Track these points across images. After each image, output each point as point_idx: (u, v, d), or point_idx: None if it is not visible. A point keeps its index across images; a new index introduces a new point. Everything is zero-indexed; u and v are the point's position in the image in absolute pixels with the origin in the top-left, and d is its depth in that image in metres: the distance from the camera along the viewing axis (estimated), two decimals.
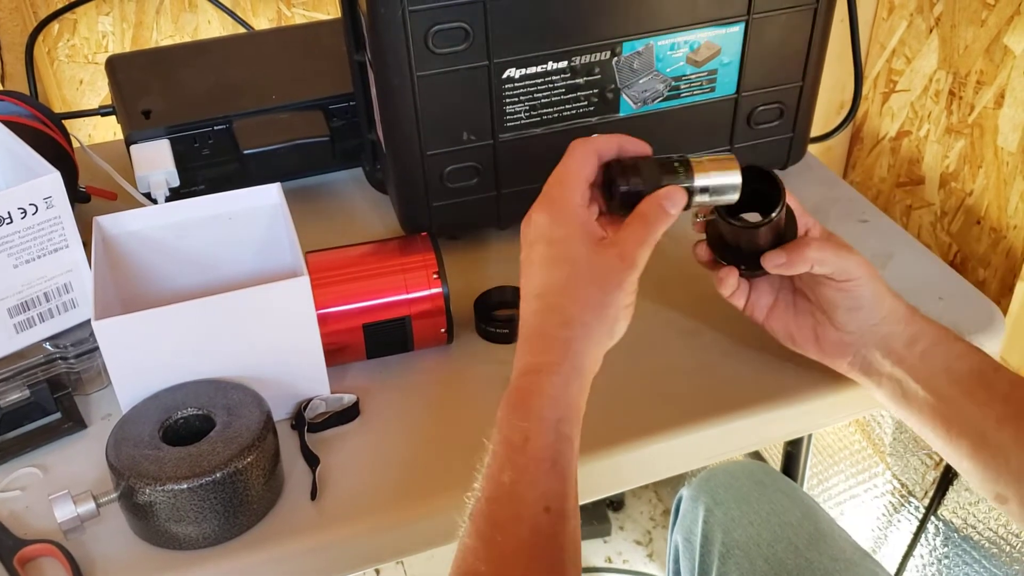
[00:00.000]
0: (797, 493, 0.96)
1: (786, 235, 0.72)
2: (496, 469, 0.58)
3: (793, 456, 1.14)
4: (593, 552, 1.66)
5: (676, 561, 0.99)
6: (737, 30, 0.87)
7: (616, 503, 1.72)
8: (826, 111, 1.31)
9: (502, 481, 0.57)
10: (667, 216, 0.64)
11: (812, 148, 1.09)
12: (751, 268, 0.72)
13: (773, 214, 0.69)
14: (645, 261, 0.63)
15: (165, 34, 1.43)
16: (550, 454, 0.58)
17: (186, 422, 0.71)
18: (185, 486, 0.65)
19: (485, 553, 0.55)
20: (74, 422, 0.78)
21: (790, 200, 0.72)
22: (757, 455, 1.42)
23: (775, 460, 1.35)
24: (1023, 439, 0.63)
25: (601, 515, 1.68)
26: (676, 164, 0.66)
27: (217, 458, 0.66)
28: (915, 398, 0.68)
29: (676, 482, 1.52)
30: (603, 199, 0.67)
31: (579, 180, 0.65)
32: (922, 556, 1.19)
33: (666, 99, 0.90)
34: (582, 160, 0.66)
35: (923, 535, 1.18)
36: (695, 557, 0.94)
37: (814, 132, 1.03)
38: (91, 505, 0.67)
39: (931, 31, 1.16)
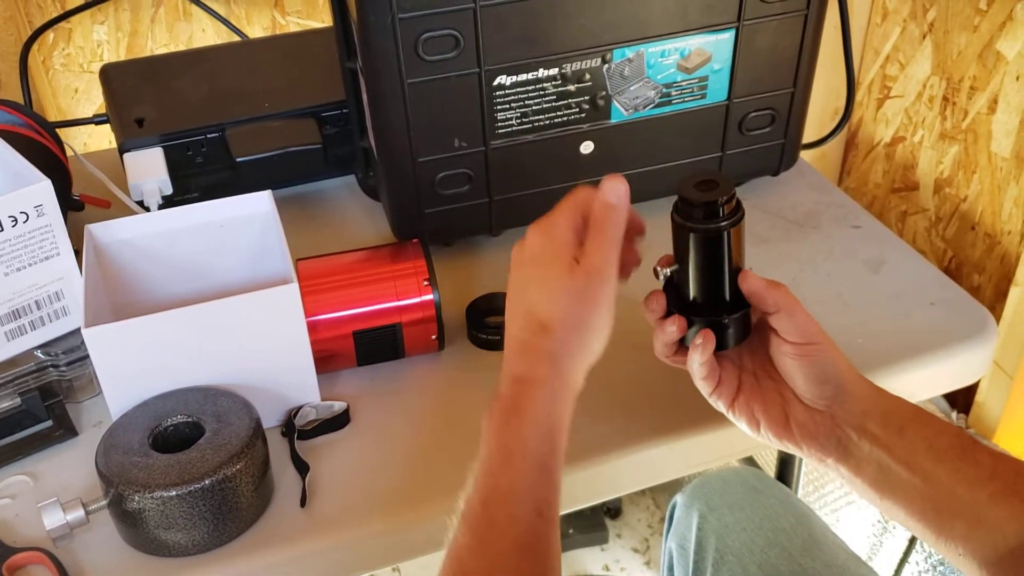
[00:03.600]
0: (791, 499, 0.96)
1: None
2: (493, 472, 0.60)
3: (787, 462, 1.14)
4: (591, 560, 1.65)
5: (670, 568, 0.99)
6: (727, 37, 0.87)
7: (614, 510, 1.71)
8: (821, 117, 1.31)
9: (499, 484, 0.59)
10: (612, 208, 0.64)
11: (807, 155, 1.09)
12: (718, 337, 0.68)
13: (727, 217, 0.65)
14: (614, 267, 0.64)
15: (160, 43, 1.44)
16: (544, 462, 0.60)
17: (176, 429, 0.71)
18: (174, 493, 0.65)
19: (479, 550, 0.57)
20: (65, 430, 0.78)
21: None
22: (752, 461, 1.42)
23: (770, 467, 1.35)
24: (1018, 515, 0.59)
25: (599, 523, 1.68)
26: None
27: (206, 465, 0.66)
28: (899, 482, 0.63)
29: (674, 489, 1.52)
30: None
31: (571, 209, 0.66)
32: (917, 563, 1.19)
33: (657, 106, 0.90)
34: (574, 201, 0.67)
35: (919, 542, 1.18)
36: (689, 564, 0.94)
37: (809, 138, 1.03)
38: (80, 512, 0.67)
39: (924, 37, 1.17)
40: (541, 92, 0.86)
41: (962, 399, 1.19)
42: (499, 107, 0.85)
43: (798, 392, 0.67)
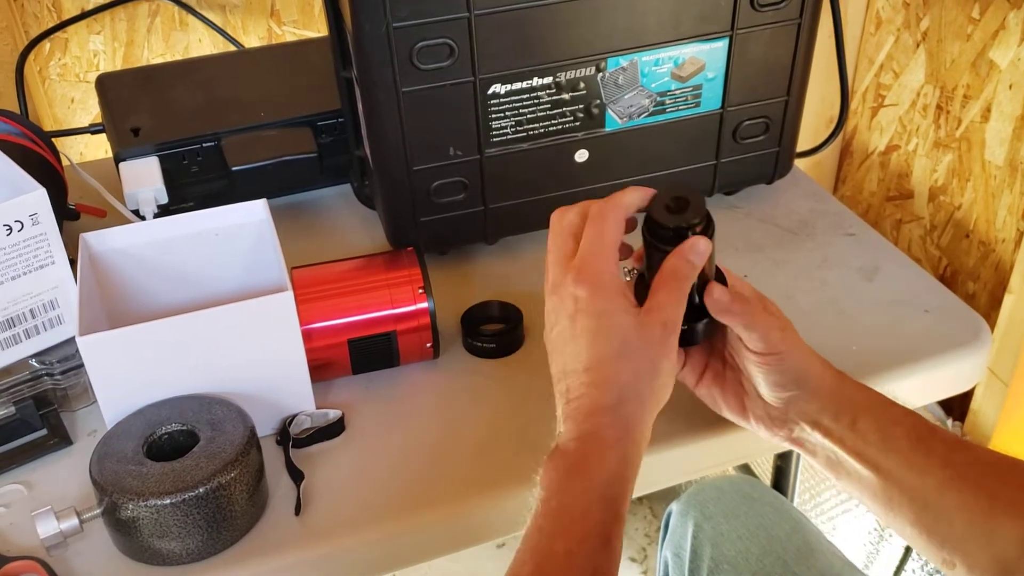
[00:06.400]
0: (786, 507, 0.96)
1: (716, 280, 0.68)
2: (551, 535, 0.58)
3: (783, 470, 1.14)
4: None
5: None
6: (721, 45, 0.88)
7: None
8: (816, 126, 1.32)
9: (556, 551, 0.57)
10: (694, 268, 0.64)
11: (802, 163, 1.09)
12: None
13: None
14: (681, 319, 0.64)
15: (156, 52, 1.44)
16: (605, 531, 0.58)
17: (170, 438, 0.70)
18: (168, 501, 0.65)
19: None
20: (60, 438, 0.78)
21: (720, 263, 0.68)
22: (747, 469, 1.42)
23: (765, 475, 1.35)
24: (966, 503, 0.61)
25: None
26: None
27: (200, 473, 0.66)
28: (850, 470, 0.66)
29: (670, 498, 1.52)
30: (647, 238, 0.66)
31: (614, 249, 0.65)
32: (913, 571, 1.19)
33: (652, 114, 0.90)
34: (616, 227, 0.65)
35: (915, 550, 1.18)
36: (684, 573, 0.94)
37: (804, 147, 1.03)
38: (74, 521, 0.67)
39: (918, 46, 1.17)
40: (536, 101, 0.86)
41: (957, 406, 1.19)
42: (494, 116, 0.86)
43: (758, 391, 0.68)
